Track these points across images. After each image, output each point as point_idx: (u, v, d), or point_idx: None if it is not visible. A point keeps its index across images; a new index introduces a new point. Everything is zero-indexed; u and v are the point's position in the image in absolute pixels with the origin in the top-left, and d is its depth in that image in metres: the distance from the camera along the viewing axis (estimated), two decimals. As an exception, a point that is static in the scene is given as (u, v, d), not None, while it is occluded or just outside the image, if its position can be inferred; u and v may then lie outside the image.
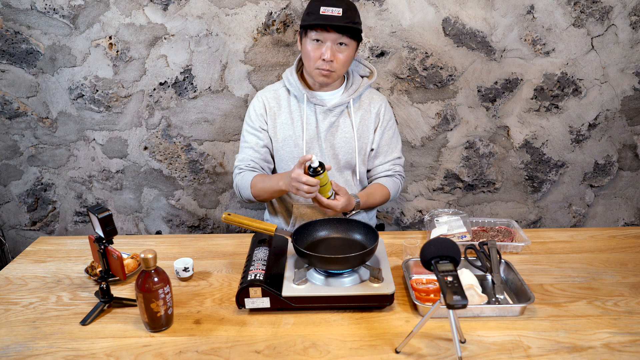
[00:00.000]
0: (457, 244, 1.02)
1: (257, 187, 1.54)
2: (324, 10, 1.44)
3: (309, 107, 1.59)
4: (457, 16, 1.84)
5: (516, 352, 1.03)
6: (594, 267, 1.39)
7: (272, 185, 1.49)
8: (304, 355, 1.02)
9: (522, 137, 2.04)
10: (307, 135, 1.59)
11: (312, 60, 1.50)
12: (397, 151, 1.71)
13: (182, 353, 1.03)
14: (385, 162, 1.69)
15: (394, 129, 1.71)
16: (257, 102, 1.63)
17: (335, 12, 1.44)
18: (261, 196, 1.56)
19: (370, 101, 1.65)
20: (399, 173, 1.72)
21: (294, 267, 1.25)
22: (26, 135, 2.00)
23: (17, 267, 1.41)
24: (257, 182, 1.55)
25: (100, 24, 1.82)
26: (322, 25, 1.44)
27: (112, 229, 1.12)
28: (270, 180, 1.51)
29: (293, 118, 1.60)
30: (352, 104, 1.61)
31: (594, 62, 1.92)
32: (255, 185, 1.55)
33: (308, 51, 1.49)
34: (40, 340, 1.08)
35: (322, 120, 1.60)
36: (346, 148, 1.62)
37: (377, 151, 1.68)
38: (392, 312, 1.17)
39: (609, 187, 2.15)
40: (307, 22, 1.46)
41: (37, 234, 2.18)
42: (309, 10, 1.48)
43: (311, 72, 1.53)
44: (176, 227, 2.19)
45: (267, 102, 1.62)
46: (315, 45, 1.48)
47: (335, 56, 1.48)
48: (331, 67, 1.49)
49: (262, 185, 1.53)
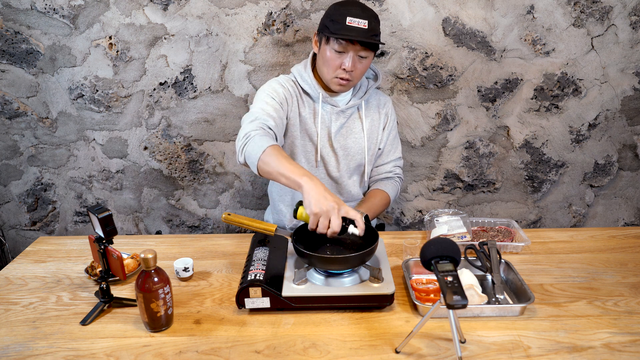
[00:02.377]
0: (457, 244, 1.02)
1: (272, 156, 1.24)
2: (350, 21, 1.40)
3: (323, 107, 1.58)
4: (457, 16, 1.84)
5: (516, 352, 1.03)
6: (594, 267, 1.39)
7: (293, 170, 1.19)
8: (304, 355, 1.02)
9: (522, 137, 2.04)
10: (322, 134, 1.59)
11: (331, 69, 1.48)
12: (398, 151, 1.75)
13: (182, 353, 1.03)
14: (387, 162, 1.72)
15: (396, 130, 1.75)
16: (284, 83, 1.56)
17: (362, 25, 1.41)
18: (265, 169, 1.25)
19: (378, 102, 1.67)
20: (398, 175, 1.75)
21: (294, 267, 1.25)
22: (26, 135, 2.00)
23: (17, 267, 1.41)
24: (276, 152, 1.25)
25: (100, 24, 1.82)
26: (348, 38, 1.41)
27: (112, 229, 1.12)
28: (293, 165, 1.22)
29: (311, 113, 1.59)
30: (363, 105, 1.62)
31: (594, 62, 1.92)
32: (271, 153, 1.25)
33: (328, 59, 1.47)
34: (40, 340, 1.08)
35: (334, 121, 1.60)
36: (356, 149, 1.64)
37: (382, 150, 1.71)
38: (392, 312, 1.17)
39: (609, 187, 2.15)
40: (333, 32, 1.41)
41: (37, 234, 2.18)
42: (333, 18, 1.42)
43: (329, 79, 1.51)
44: (176, 227, 2.19)
45: (294, 89, 1.57)
46: (336, 54, 1.46)
47: (355, 66, 1.47)
48: (350, 76, 1.49)
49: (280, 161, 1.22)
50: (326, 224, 1.13)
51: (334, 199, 1.14)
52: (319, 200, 1.13)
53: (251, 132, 1.33)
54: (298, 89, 1.58)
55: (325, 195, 1.14)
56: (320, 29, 1.49)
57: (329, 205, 1.12)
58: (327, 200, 1.13)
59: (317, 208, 1.12)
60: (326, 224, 1.13)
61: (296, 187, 1.19)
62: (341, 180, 1.66)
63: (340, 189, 1.67)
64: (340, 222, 1.12)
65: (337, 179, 1.65)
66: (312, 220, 1.14)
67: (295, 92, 1.56)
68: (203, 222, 2.18)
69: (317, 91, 1.55)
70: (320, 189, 1.15)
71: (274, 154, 1.24)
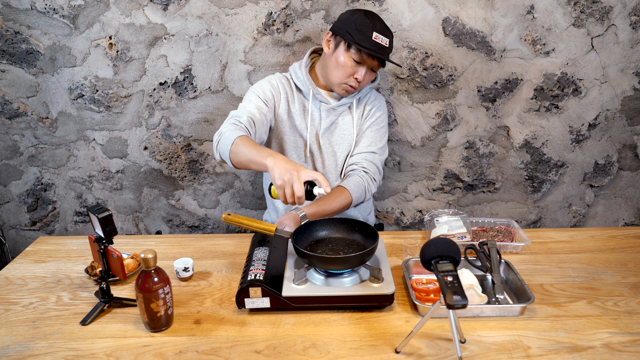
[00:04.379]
0: (457, 244, 1.02)
1: (240, 146, 1.30)
2: (376, 36, 1.43)
3: (314, 103, 1.60)
4: (457, 16, 1.84)
5: (516, 352, 1.03)
6: (594, 267, 1.39)
7: (258, 154, 1.25)
8: (304, 355, 1.02)
9: (522, 137, 2.04)
10: (311, 130, 1.61)
11: (343, 75, 1.50)
12: (373, 146, 1.62)
13: (182, 353, 1.03)
14: (357, 154, 1.62)
15: (381, 127, 1.66)
16: (274, 80, 1.60)
17: (384, 42, 1.45)
18: (236, 159, 1.32)
19: (367, 99, 1.68)
20: (365, 169, 1.59)
21: (294, 267, 1.25)
22: (26, 135, 2.00)
23: (17, 267, 1.41)
24: (244, 142, 1.31)
25: (100, 24, 1.82)
26: (373, 54, 1.44)
27: (112, 229, 1.12)
28: (259, 149, 1.27)
29: (301, 109, 1.61)
30: (354, 104, 1.63)
31: (594, 62, 1.92)
32: (239, 143, 1.30)
33: (342, 64, 1.48)
34: (40, 340, 1.08)
35: (324, 118, 1.61)
36: (344, 145, 1.64)
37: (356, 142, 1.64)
38: (392, 312, 1.17)
39: (609, 187, 2.15)
40: (358, 42, 1.42)
41: (37, 234, 2.18)
42: (359, 28, 1.43)
43: (336, 83, 1.53)
44: (176, 227, 2.19)
45: (284, 87, 1.60)
46: (353, 63, 1.47)
47: (365, 78, 1.52)
48: (358, 86, 1.53)
49: (248, 148, 1.28)
50: (290, 192, 1.14)
51: (292, 167, 1.15)
52: (280, 172, 1.15)
53: (223, 129, 1.39)
54: (291, 84, 1.61)
55: (285, 167, 1.16)
56: (339, 32, 1.48)
57: (289, 174, 1.14)
58: (287, 170, 1.15)
59: (280, 181, 1.15)
60: (290, 192, 1.14)
61: (264, 168, 1.22)
62: (327, 177, 1.66)
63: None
64: (302, 187, 1.13)
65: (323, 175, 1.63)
66: (280, 194, 1.17)
67: (286, 88, 1.59)
68: (203, 222, 2.18)
69: (308, 87, 1.57)
70: (281, 162, 1.17)
71: (241, 144, 1.29)
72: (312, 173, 1.15)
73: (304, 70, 1.59)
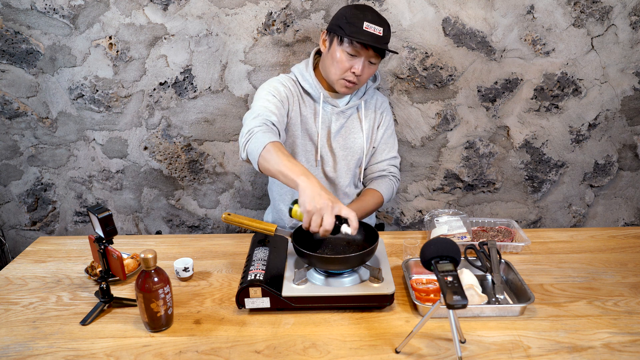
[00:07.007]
0: (457, 244, 1.02)
1: (272, 153, 1.23)
2: (367, 26, 1.40)
3: (324, 106, 1.58)
4: (457, 16, 1.84)
5: (516, 352, 1.03)
6: (594, 267, 1.39)
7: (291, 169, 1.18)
8: (304, 355, 1.02)
9: (522, 137, 2.04)
10: (322, 134, 1.60)
11: (340, 70, 1.47)
12: (393, 151, 1.73)
13: (182, 353, 1.03)
14: (381, 161, 1.71)
15: (392, 129, 1.74)
16: (285, 82, 1.55)
17: (377, 31, 1.42)
18: (265, 165, 1.25)
19: (375, 102, 1.68)
20: (393, 174, 1.73)
21: (294, 267, 1.25)
22: (26, 135, 2.00)
23: (17, 267, 1.41)
24: (276, 149, 1.24)
25: (100, 24, 1.82)
26: (364, 43, 1.41)
27: (112, 229, 1.12)
28: (292, 163, 1.20)
29: (312, 113, 1.59)
30: (362, 105, 1.62)
31: (594, 62, 1.92)
32: (271, 149, 1.23)
33: (338, 60, 1.46)
34: (40, 340, 1.08)
35: (335, 121, 1.60)
36: (355, 149, 1.64)
37: (376, 149, 1.70)
38: (392, 312, 1.17)
39: (609, 187, 2.15)
40: (349, 35, 1.41)
41: (37, 234, 2.18)
42: (349, 20, 1.41)
43: (335, 79, 1.51)
44: (176, 227, 2.19)
45: (295, 89, 1.57)
46: (348, 57, 1.45)
47: (364, 71, 1.48)
48: (357, 80, 1.49)
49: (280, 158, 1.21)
50: (319, 222, 1.10)
51: (328, 197, 1.11)
52: (313, 198, 1.10)
53: (254, 128, 1.31)
54: (298, 88, 1.57)
55: (320, 193, 1.11)
56: (332, 29, 1.47)
57: (323, 203, 1.09)
58: (322, 198, 1.10)
59: (310, 206, 1.10)
60: (319, 222, 1.10)
61: (293, 185, 1.17)
62: (337, 181, 1.66)
63: (336, 189, 1.67)
64: (333, 221, 1.09)
65: (334, 179, 1.65)
66: (305, 219, 1.12)
67: (296, 91, 1.56)
68: (203, 222, 2.18)
69: (318, 91, 1.55)
70: (316, 187, 1.13)
71: (273, 151, 1.23)
72: (348, 211, 1.11)
73: (311, 72, 1.55)
